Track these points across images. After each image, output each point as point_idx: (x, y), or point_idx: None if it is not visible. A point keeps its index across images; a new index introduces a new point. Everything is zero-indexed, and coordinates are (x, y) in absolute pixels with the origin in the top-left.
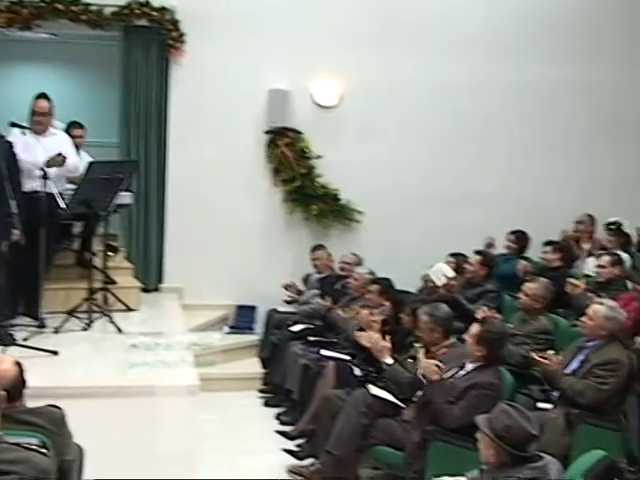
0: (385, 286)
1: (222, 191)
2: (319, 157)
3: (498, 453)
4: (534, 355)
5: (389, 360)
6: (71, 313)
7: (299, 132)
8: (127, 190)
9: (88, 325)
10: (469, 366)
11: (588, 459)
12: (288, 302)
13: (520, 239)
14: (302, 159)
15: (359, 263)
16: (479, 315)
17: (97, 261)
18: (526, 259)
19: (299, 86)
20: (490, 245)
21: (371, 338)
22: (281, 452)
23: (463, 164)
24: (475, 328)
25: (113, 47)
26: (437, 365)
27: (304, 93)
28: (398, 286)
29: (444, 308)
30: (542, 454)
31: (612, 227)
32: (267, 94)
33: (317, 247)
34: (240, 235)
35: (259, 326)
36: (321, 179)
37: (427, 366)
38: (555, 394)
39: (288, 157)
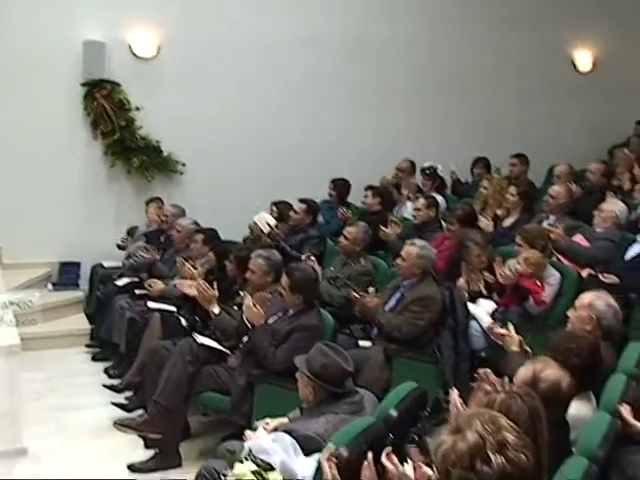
0: (209, 236)
1: (40, 146)
2: (138, 109)
3: (316, 391)
4: (354, 294)
5: (216, 309)
6: None
7: (117, 84)
8: None
9: None
10: (291, 310)
11: (400, 391)
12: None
13: (339, 187)
14: (121, 111)
15: (181, 214)
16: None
17: None
18: (348, 205)
19: (115, 37)
20: None
21: (197, 288)
22: (110, 406)
23: (286, 115)
24: (285, 280)
25: None
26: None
27: (121, 44)
28: (226, 236)
29: (278, 254)
30: (358, 389)
31: (427, 171)
32: (82, 46)
33: (150, 200)
34: (61, 190)
35: (84, 282)
36: (142, 131)
37: (252, 312)
38: (375, 332)
39: (107, 110)
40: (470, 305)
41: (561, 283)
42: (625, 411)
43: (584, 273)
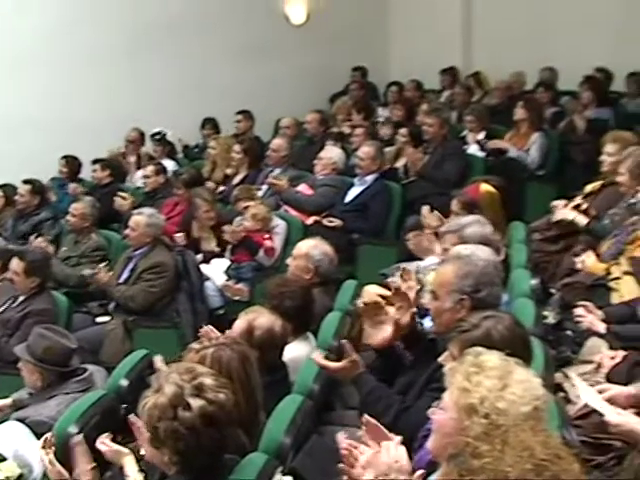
0: None
1: None
2: None
3: (43, 375)
4: (85, 272)
5: None
6: None
7: None
8: None
9: None
10: (21, 296)
11: (130, 360)
12: None
13: (70, 163)
14: None
15: None
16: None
17: None
18: (80, 181)
19: None
20: None
21: None
22: None
23: (17, 89)
24: (17, 264)
25: None
26: None
27: None
28: None
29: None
30: (86, 366)
31: (156, 137)
32: None
33: None
34: None
35: None
36: None
37: None
38: (112, 306)
39: None
40: (204, 266)
41: (288, 232)
42: (319, 358)
43: (309, 220)
